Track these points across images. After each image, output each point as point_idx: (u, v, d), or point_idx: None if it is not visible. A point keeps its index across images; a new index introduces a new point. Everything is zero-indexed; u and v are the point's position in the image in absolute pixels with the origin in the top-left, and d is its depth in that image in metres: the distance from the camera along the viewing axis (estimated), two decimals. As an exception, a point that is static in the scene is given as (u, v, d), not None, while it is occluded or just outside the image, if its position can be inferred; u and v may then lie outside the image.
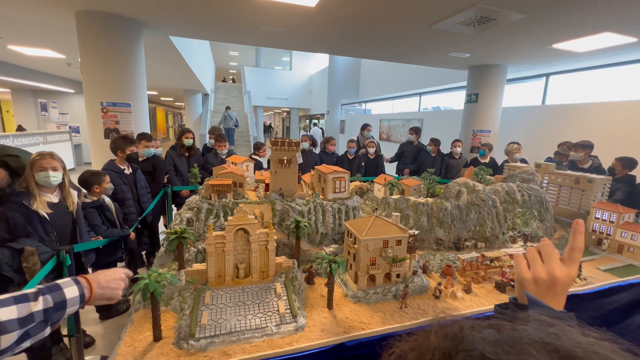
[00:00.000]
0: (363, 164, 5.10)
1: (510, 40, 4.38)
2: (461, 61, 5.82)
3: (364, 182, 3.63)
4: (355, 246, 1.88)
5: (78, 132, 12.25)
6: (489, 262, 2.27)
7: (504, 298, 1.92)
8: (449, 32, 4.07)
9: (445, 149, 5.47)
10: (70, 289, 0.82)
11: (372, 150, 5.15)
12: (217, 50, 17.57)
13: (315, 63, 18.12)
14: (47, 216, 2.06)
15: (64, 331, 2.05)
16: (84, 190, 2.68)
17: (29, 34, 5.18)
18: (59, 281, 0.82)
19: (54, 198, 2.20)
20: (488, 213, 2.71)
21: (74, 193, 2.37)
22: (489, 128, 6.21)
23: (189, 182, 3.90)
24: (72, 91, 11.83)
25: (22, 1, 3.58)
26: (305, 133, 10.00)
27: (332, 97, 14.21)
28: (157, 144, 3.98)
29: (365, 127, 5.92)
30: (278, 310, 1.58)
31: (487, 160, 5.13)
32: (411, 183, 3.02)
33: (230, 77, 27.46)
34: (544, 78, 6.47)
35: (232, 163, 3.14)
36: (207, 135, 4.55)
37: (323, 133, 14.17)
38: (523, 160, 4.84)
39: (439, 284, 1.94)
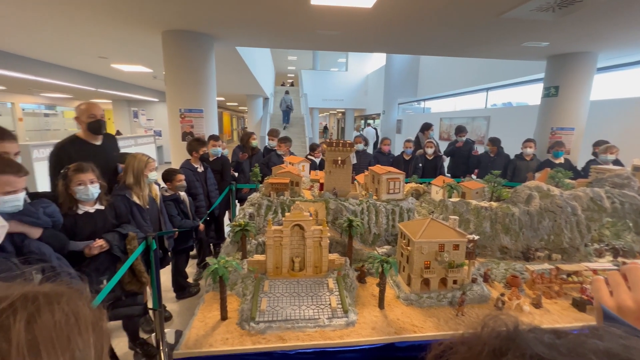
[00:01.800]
0: (420, 164, 4.91)
1: (602, 23, 3.78)
2: (537, 51, 5.20)
3: (421, 183, 3.50)
4: (409, 248, 1.85)
5: (160, 135, 14.08)
6: (565, 276, 2.02)
7: (584, 317, 1.70)
8: (521, 20, 3.69)
9: (514, 148, 4.96)
10: None
11: (430, 150, 4.93)
12: (276, 55, 18.50)
13: (371, 63, 17.91)
14: (143, 207, 2.47)
15: (150, 305, 2.42)
16: (163, 185, 3.12)
17: (125, 54, 6.15)
18: None
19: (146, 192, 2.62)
20: (566, 221, 2.40)
21: (156, 187, 2.79)
22: (573, 125, 5.42)
23: (250, 181, 4.22)
24: (157, 100, 13.65)
25: (121, 26, 4.28)
26: (359, 134, 9.94)
27: (388, 96, 13.89)
28: (223, 145, 4.39)
29: (428, 127, 5.69)
30: (330, 304, 1.64)
31: (561, 161, 4.50)
32: (473, 186, 2.83)
33: (289, 80, 28.65)
34: (648, 64, 5.42)
35: (290, 163, 3.32)
36: (267, 137, 4.83)
37: (377, 133, 13.92)
38: (617, 162, 4.13)
39: (502, 294, 1.80)
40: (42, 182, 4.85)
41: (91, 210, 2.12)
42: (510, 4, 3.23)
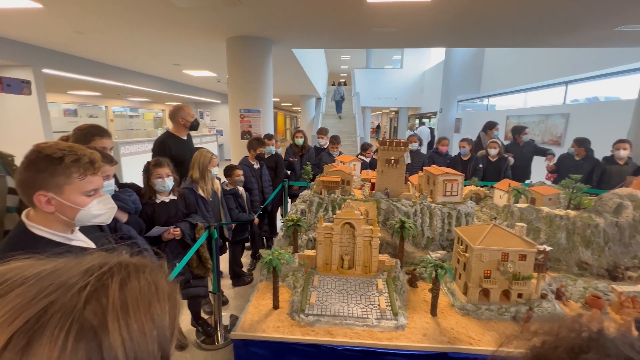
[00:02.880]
0: (481, 166, 4.53)
1: None
2: (633, 36, 4.42)
3: (482, 187, 3.24)
4: (467, 255, 1.73)
5: (221, 134, 15.26)
6: (665, 303, 1.69)
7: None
8: (614, 0, 3.17)
9: (601, 150, 4.29)
10: None
11: (494, 151, 4.51)
12: (330, 55, 18.67)
13: (430, 58, 17.03)
14: (207, 199, 2.72)
15: (210, 288, 2.65)
16: (223, 180, 3.38)
17: (195, 60, 6.79)
18: None
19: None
20: (669, 237, 2.01)
21: (217, 182, 3.04)
22: (682, 123, 4.50)
23: (301, 178, 4.35)
24: (219, 102, 14.80)
25: (192, 36, 4.73)
26: (412, 133, 9.50)
27: (446, 93, 13.06)
28: (277, 144, 4.59)
29: (492, 126, 5.22)
30: (379, 305, 1.62)
31: None
32: (546, 191, 2.53)
33: (342, 80, 28.72)
34: None
35: (341, 162, 3.34)
36: (317, 136, 4.90)
37: (432, 132, 13.18)
38: None
39: (580, 315, 1.58)
40: (127, 175, 5.63)
41: (166, 200, 2.39)
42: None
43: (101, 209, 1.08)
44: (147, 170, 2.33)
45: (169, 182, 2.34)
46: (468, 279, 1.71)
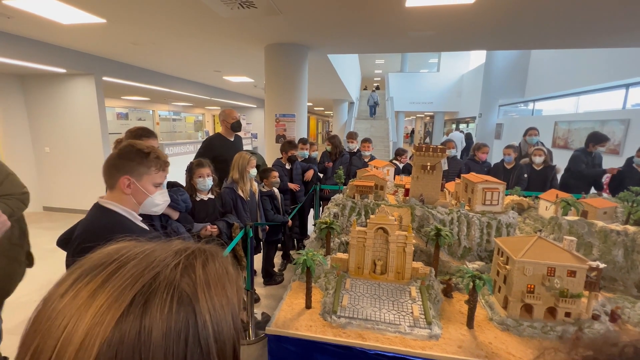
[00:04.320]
0: (525, 175, 4.26)
1: None
2: None
3: (526, 197, 3.05)
4: (508, 267, 1.65)
5: (256, 137, 15.81)
6: None
7: None
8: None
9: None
10: None
11: (539, 159, 4.23)
12: (364, 59, 18.61)
13: (468, 61, 16.36)
14: (245, 199, 2.85)
15: (244, 285, 2.76)
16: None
17: (234, 67, 7.13)
18: None
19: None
20: None
21: (255, 184, 3.16)
22: None
23: (329, 181, 4.39)
24: (255, 106, 15.35)
25: (234, 44, 4.99)
26: (448, 138, 9.11)
27: (487, 97, 12.43)
28: (314, 148, 4.67)
29: (527, 131, 4.91)
30: (412, 312, 1.59)
31: None
32: (600, 204, 2.33)
33: (375, 84, 28.48)
34: None
35: (374, 167, 3.32)
36: (346, 140, 4.93)
37: (470, 138, 12.58)
38: None
39: (628, 332, 1.43)
40: (170, 174, 6.04)
41: (205, 198, 2.55)
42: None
43: (160, 200, 1.35)
44: (190, 170, 2.50)
45: (209, 181, 2.49)
46: (509, 293, 1.63)
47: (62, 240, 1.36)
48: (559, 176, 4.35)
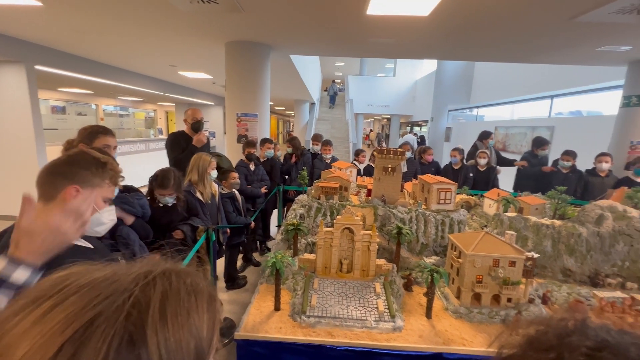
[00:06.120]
0: (471, 174, 4.69)
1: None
2: (615, 56, 4.70)
3: (472, 195, 3.37)
4: (460, 260, 1.82)
5: (214, 136, 15.16)
6: (641, 308, 1.82)
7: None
8: (597, 23, 3.38)
9: (583, 163, 4.50)
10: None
11: (482, 161, 4.68)
12: (324, 61, 18.87)
13: (421, 68, 17.43)
14: (204, 202, 2.74)
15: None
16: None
17: (192, 62, 6.79)
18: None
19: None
20: (645, 247, 2.15)
21: (215, 186, 3.06)
22: (659, 139, 4.78)
23: (296, 183, 4.41)
24: (213, 104, 14.73)
25: (192, 39, 4.76)
26: (405, 141, 9.68)
27: (438, 102, 13.38)
28: (277, 147, 4.64)
29: (487, 135, 5.38)
30: (377, 307, 1.68)
31: None
32: (533, 201, 2.66)
33: (338, 80, 28.93)
34: None
35: (338, 168, 3.41)
36: (311, 142, 4.98)
37: (422, 141, 13.44)
38: None
39: (569, 310, 1.68)
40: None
41: (169, 204, 2.41)
42: (584, 7, 2.99)
43: (106, 219, 1.16)
44: (154, 182, 2.34)
45: (170, 199, 2.36)
46: (461, 284, 1.80)
47: None
48: (499, 176, 4.85)
